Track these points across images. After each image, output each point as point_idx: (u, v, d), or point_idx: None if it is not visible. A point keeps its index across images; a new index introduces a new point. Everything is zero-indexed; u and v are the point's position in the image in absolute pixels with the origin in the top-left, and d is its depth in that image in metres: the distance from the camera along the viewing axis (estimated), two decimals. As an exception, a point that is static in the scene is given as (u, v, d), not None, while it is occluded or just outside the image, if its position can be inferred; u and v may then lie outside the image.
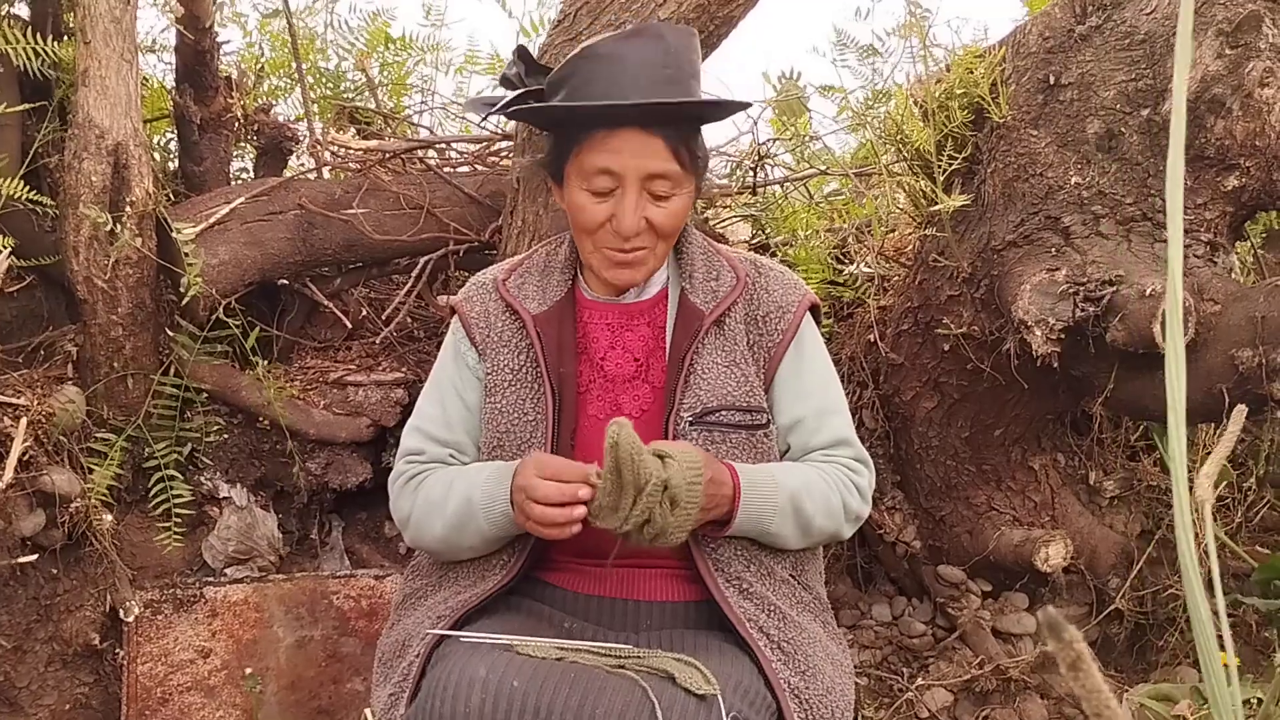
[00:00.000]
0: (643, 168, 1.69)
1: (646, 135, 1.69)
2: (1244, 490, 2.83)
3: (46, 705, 2.36)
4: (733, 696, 1.55)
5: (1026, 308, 2.14)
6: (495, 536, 1.72)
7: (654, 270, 1.81)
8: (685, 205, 1.77)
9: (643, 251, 1.75)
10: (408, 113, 3.49)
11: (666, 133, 1.69)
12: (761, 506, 1.68)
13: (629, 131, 1.69)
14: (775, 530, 1.72)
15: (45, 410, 2.30)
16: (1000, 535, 2.68)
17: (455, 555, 1.79)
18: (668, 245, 1.80)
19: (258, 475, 2.63)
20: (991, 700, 2.66)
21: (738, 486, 1.66)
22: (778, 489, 1.70)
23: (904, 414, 2.72)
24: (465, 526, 1.71)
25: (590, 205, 1.73)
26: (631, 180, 1.70)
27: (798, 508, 1.72)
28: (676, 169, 1.71)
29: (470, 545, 1.74)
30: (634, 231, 1.71)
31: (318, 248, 2.72)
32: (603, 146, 1.70)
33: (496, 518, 1.67)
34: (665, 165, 1.70)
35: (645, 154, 1.69)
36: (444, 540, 1.76)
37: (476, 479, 1.72)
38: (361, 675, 2.48)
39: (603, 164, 1.70)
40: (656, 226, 1.73)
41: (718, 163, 3.43)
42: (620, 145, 1.69)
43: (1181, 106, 0.53)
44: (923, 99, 2.41)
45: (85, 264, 2.35)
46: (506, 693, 1.46)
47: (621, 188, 1.71)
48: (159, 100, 3.04)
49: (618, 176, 1.70)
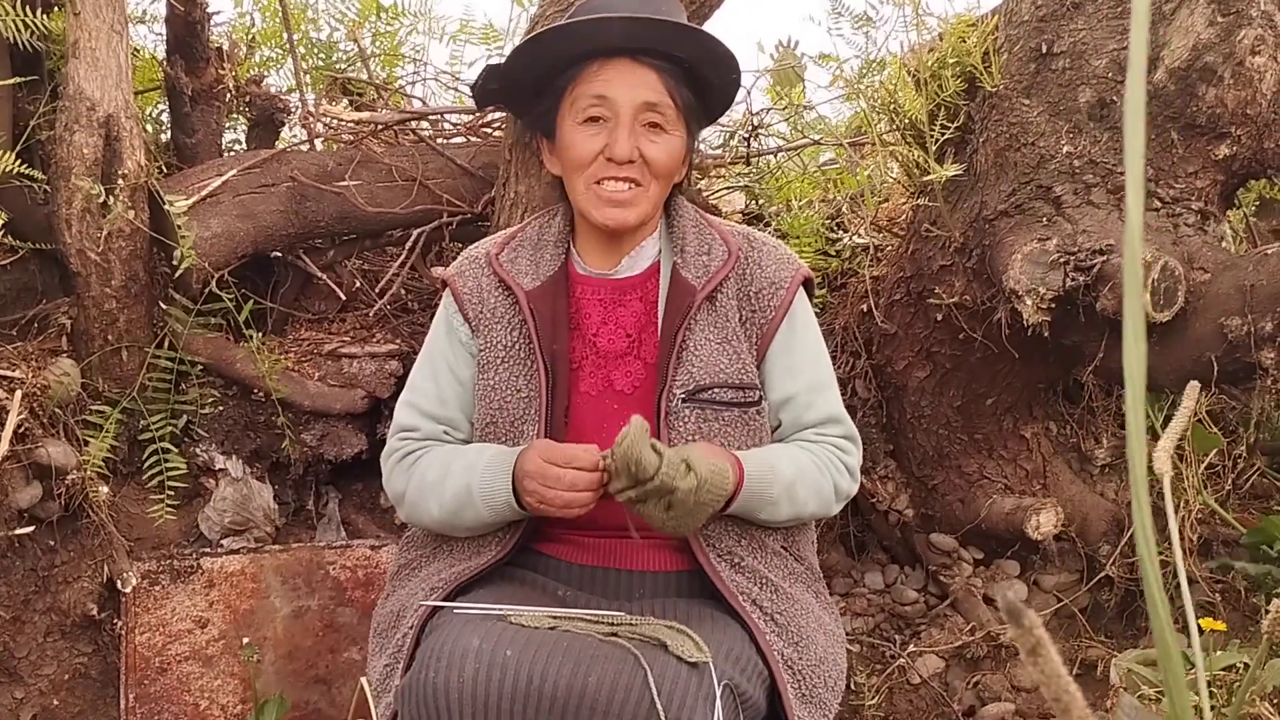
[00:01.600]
0: (636, 96, 1.73)
1: (639, 65, 1.74)
2: (1234, 458, 2.85)
3: (46, 675, 2.38)
4: (725, 664, 1.57)
5: (1018, 277, 2.15)
6: (494, 521, 1.74)
7: (646, 215, 1.81)
8: (678, 147, 1.79)
9: (635, 189, 1.76)
10: (400, 83, 3.48)
11: (658, 66, 1.74)
12: (760, 498, 1.71)
13: (621, 61, 1.74)
14: (767, 517, 1.75)
15: (40, 383, 2.31)
16: (992, 503, 2.70)
17: (452, 534, 1.81)
18: (660, 188, 1.80)
19: (253, 447, 2.64)
20: (983, 666, 2.69)
21: (740, 482, 1.68)
22: (775, 480, 1.72)
23: (896, 383, 2.73)
24: (463, 511, 1.73)
25: (584, 139, 1.75)
26: (625, 108, 1.73)
27: (792, 497, 1.74)
28: (669, 102, 1.75)
29: (468, 527, 1.77)
30: (627, 156, 1.73)
31: (311, 220, 2.72)
32: (596, 76, 1.75)
33: (499, 506, 1.69)
34: (658, 96, 1.74)
35: (638, 82, 1.74)
36: (440, 522, 1.78)
37: (475, 465, 1.72)
38: (358, 645, 2.50)
39: (596, 90, 1.74)
40: (649, 160, 1.75)
41: (711, 132, 3.42)
42: (613, 74, 1.74)
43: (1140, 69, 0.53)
44: (916, 68, 2.40)
45: (78, 237, 2.35)
46: (500, 662, 1.47)
47: (615, 118, 1.74)
48: (150, 72, 3.03)
49: (611, 104, 1.73)
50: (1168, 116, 2.16)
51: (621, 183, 1.75)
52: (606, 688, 1.44)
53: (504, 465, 1.68)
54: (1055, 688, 0.49)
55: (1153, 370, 2.14)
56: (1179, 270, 2.01)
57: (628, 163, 1.73)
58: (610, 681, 1.45)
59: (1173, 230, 2.14)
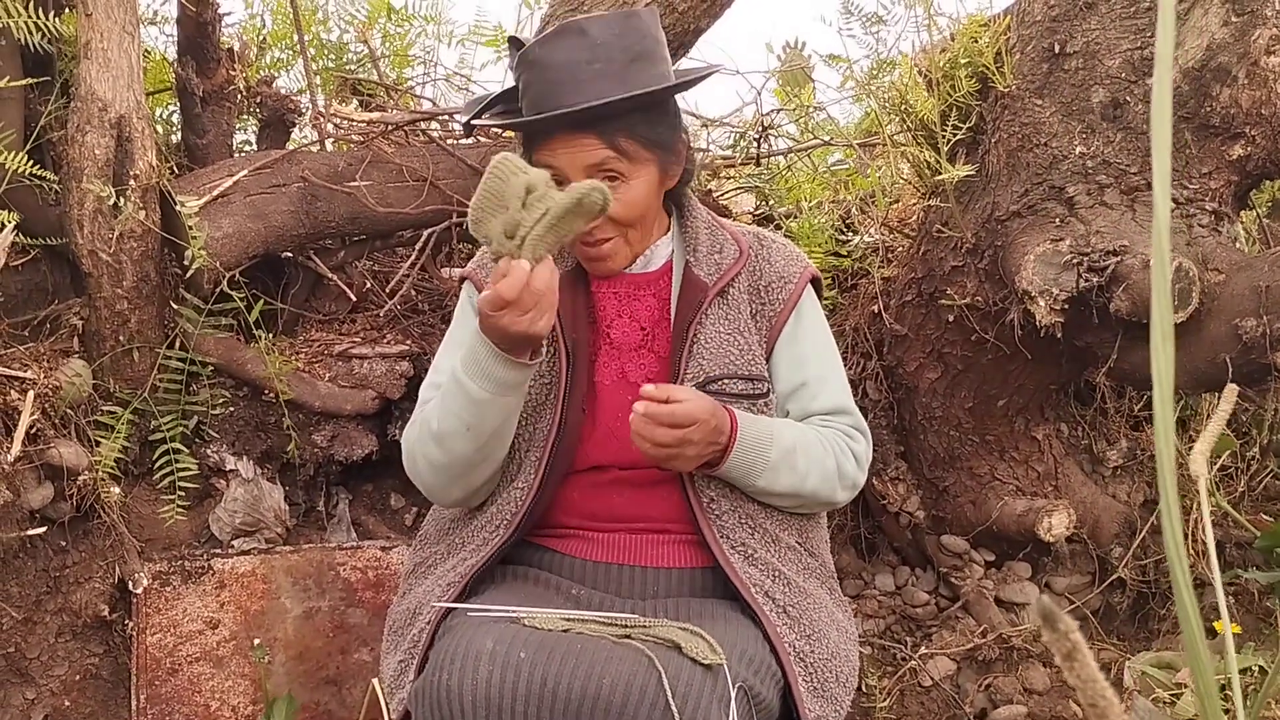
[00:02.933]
0: (580, 162, 1.74)
1: (577, 135, 1.74)
2: (1247, 460, 2.84)
3: (57, 675, 2.38)
4: (739, 665, 1.56)
5: (1030, 278, 2.14)
6: (485, 403, 1.67)
7: (635, 256, 1.85)
8: (642, 191, 1.78)
9: (609, 244, 1.79)
10: (410, 84, 3.48)
11: (599, 129, 1.73)
12: (755, 456, 1.70)
13: (561, 135, 1.74)
14: (765, 484, 1.73)
15: (52, 384, 2.31)
16: (1003, 505, 2.69)
17: (453, 457, 1.74)
18: (640, 231, 1.83)
19: (264, 448, 2.64)
20: (994, 669, 2.68)
21: (734, 432, 1.68)
22: (773, 441, 1.72)
23: (907, 385, 2.72)
24: (455, 410, 1.69)
25: None
26: (575, 176, 1.72)
27: (791, 465, 1.73)
28: (614, 157, 1.74)
29: (464, 429, 1.70)
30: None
31: (321, 220, 2.72)
32: (544, 150, 1.77)
33: (481, 363, 1.65)
34: (601, 156, 1.73)
35: (579, 150, 1.74)
36: (440, 435, 1.72)
37: (456, 364, 1.71)
38: (369, 646, 2.50)
39: (546, 162, 1.75)
40: (614, 217, 1.73)
41: (721, 133, 3.42)
42: (555, 147, 1.75)
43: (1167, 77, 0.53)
44: (927, 68, 2.40)
45: (89, 238, 2.35)
46: (514, 664, 1.47)
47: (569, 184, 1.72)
48: (161, 73, 3.03)
49: (562, 173, 1.73)
50: (1181, 117, 2.15)
51: (595, 245, 1.79)
52: (621, 690, 1.44)
53: (470, 344, 1.67)
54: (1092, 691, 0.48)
55: (1167, 371, 2.13)
56: (1193, 271, 2.00)
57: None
58: (625, 684, 1.45)
59: (1186, 231, 2.14)
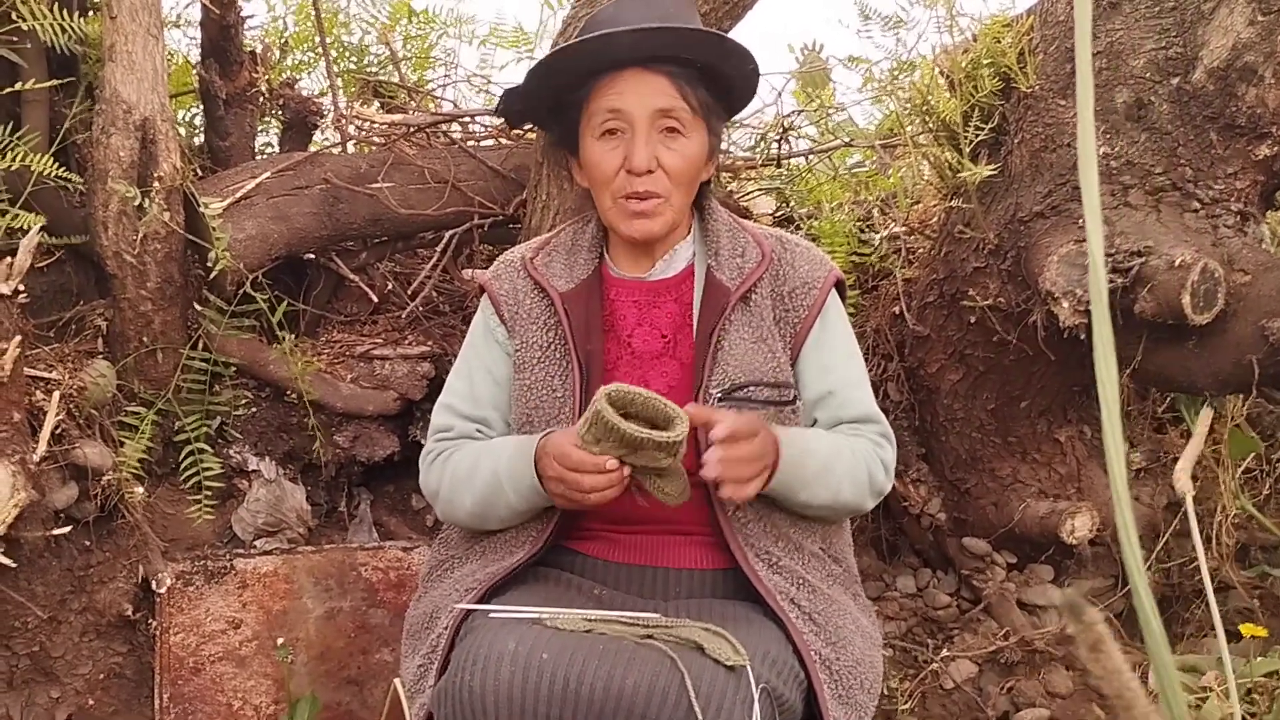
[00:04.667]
0: (649, 104, 1.73)
1: (649, 73, 1.73)
2: (1273, 462, 2.82)
3: (81, 674, 2.39)
4: (761, 667, 1.56)
5: (1054, 279, 2.13)
6: (524, 509, 1.74)
7: (672, 223, 1.81)
8: (698, 150, 1.78)
9: (657, 200, 1.76)
10: (431, 86, 3.49)
11: (669, 70, 1.73)
12: (795, 476, 1.69)
13: (631, 71, 1.73)
14: (804, 499, 1.73)
15: (77, 384, 2.33)
16: (1026, 507, 2.67)
17: (486, 527, 1.81)
18: (683, 194, 1.80)
19: (286, 448, 2.65)
20: (1017, 672, 2.66)
21: (779, 449, 1.67)
22: (811, 460, 1.71)
23: (929, 386, 2.71)
24: (493, 499, 1.73)
25: (604, 155, 1.76)
26: (640, 118, 1.73)
27: (827, 480, 1.73)
28: (684, 106, 1.74)
29: (500, 518, 1.77)
30: (645, 167, 1.73)
31: (343, 222, 2.73)
32: (608, 89, 1.74)
33: (524, 491, 1.69)
34: (672, 101, 1.73)
35: (650, 90, 1.73)
36: (474, 515, 1.78)
37: (501, 455, 1.73)
38: (390, 646, 2.50)
39: (610, 104, 1.74)
40: (668, 168, 1.74)
41: (741, 135, 3.42)
42: (624, 85, 1.73)
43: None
44: (949, 69, 2.39)
45: (114, 239, 2.37)
46: (536, 665, 1.47)
47: (631, 129, 1.74)
48: (184, 75, 3.05)
49: (626, 116, 1.73)
50: (1207, 117, 2.14)
51: (644, 200, 1.76)
52: (644, 691, 1.44)
53: (527, 453, 1.68)
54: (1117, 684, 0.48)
55: (1192, 373, 2.12)
56: (1219, 272, 1.99)
57: (647, 173, 1.73)
58: (647, 685, 1.44)
59: (1212, 231, 2.12)
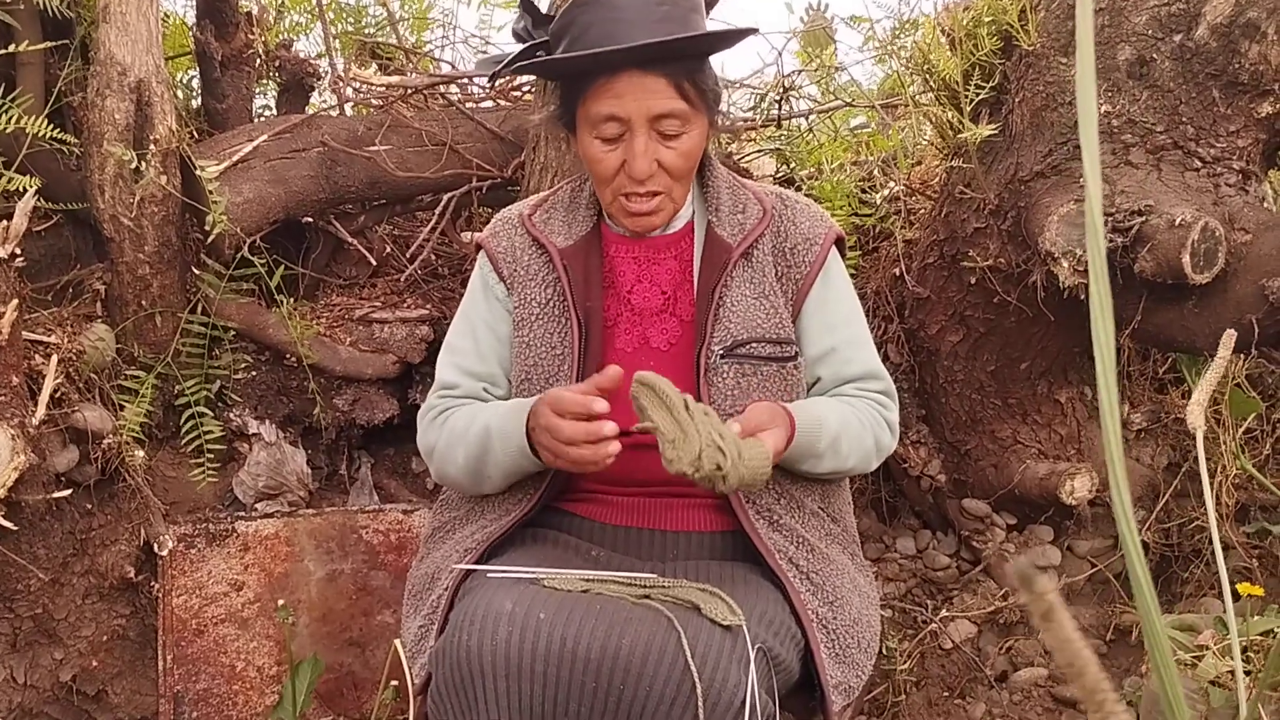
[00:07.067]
0: (647, 109, 1.68)
1: (647, 76, 1.67)
2: (1273, 422, 2.81)
3: (85, 636, 2.41)
4: (758, 627, 1.56)
5: (1054, 239, 2.12)
6: (514, 470, 1.74)
7: (675, 212, 1.81)
8: (697, 143, 1.75)
9: (659, 197, 1.75)
10: (429, 48, 3.47)
11: (668, 70, 1.68)
12: (805, 453, 1.70)
13: (629, 74, 1.67)
14: (808, 468, 1.75)
15: (75, 348, 2.33)
16: (1026, 468, 2.68)
17: (478, 488, 1.81)
18: (684, 186, 1.79)
19: (286, 411, 2.66)
20: (1015, 632, 2.68)
21: (791, 433, 1.67)
22: (822, 434, 1.71)
23: (929, 348, 2.71)
24: (485, 458, 1.73)
25: (602, 155, 1.73)
26: (638, 123, 1.69)
27: (835, 450, 1.74)
28: (683, 106, 1.70)
29: (490, 477, 1.76)
30: (646, 174, 1.70)
31: (341, 185, 2.72)
32: (605, 92, 1.69)
33: (513, 452, 1.69)
34: (670, 104, 1.69)
35: (648, 95, 1.68)
36: (465, 471, 1.78)
37: (498, 411, 1.74)
38: (391, 608, 2.52)
39: (607, 110, 1.69)
40: (668, 167, 1.72)
41: (742, 95, 3.39)
42: (622, 89, 1.68)
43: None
44: (950, 27, 2.37)
45: (111, 202, 2.36)
46: (533, 625, 1.48)
47: (630, 132, 1.70)
48: (180, 37, 3.03)
49: (624, 121, 1.69)
50: (1209, 74, 2.11)
51: (644, 199, 1.74)
52: (640, 650, 1.45)
53: (520, 412, 1.68)
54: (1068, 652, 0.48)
55: (1192, 332, 2.11)
56: (1219, 231, 1.98)
57: (648, 177, 1.71)
58: (644, 644, 1.45)
59: (1213, 190, 2.11)
